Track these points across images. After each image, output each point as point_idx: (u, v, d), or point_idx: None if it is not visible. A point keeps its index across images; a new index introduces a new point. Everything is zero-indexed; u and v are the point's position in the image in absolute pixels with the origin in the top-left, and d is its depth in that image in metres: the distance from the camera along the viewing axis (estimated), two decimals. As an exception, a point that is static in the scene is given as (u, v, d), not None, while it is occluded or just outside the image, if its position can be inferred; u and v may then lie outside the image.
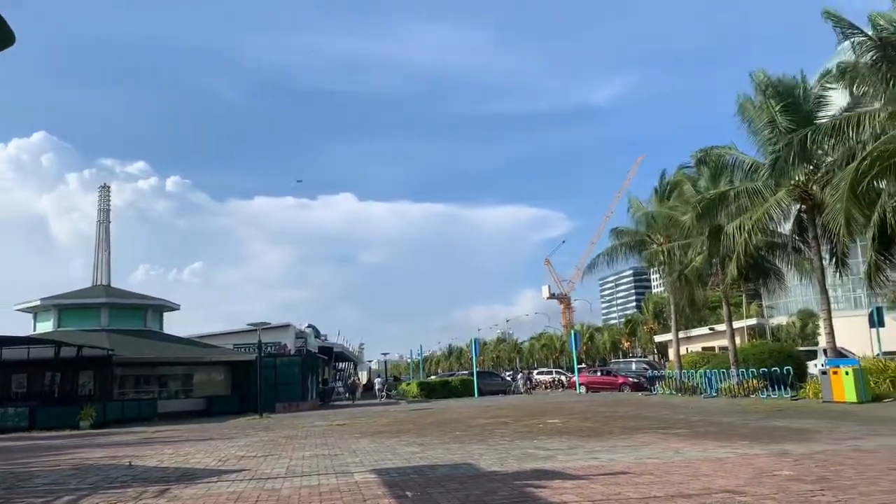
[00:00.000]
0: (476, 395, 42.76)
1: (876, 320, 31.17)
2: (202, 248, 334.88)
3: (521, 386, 47.59)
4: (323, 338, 62.54)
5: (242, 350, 39.57)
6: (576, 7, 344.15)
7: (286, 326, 46.20)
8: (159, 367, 35.39)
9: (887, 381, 23.21)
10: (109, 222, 44.02)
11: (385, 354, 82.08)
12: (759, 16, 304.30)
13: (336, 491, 8.84)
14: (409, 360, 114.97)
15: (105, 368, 31.69)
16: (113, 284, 41.66)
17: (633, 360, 66.21)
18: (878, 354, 30.53)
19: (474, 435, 16.11)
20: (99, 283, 41.50)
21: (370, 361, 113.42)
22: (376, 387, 54.16)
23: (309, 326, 57.58)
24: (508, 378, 53.83)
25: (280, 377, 36.00)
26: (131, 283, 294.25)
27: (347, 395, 52.34)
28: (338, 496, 8.43)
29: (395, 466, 11.11)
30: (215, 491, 9.36)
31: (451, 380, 48.43)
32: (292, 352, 42.87)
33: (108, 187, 45.39)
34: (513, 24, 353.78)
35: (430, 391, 44.00)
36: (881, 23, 20.30)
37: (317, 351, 51.48)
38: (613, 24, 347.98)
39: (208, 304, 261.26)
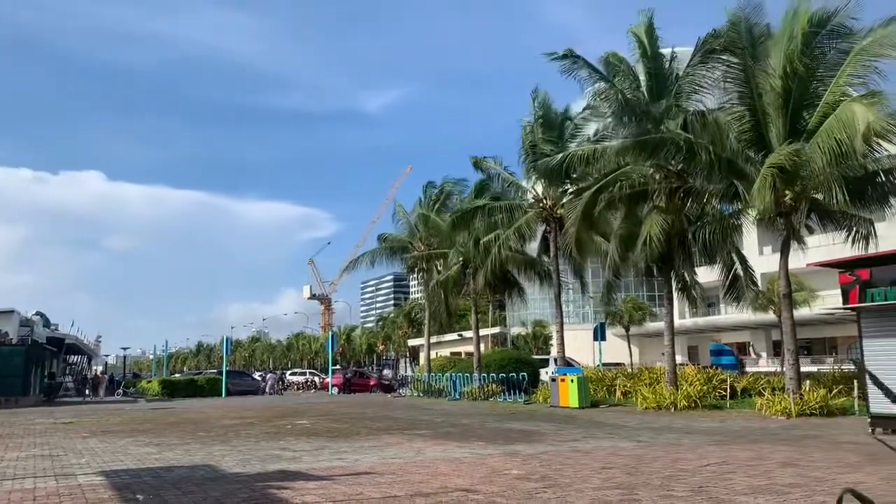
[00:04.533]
0: (224, 394, 41.19)
1: (599, 335, 34.95)
2: None
3: (268, 387, 46.28)
4: (53, 328, 56.33)
5: (-49, 337, 34.45)
6: (365, 12, 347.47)
7: (9, 312, 40.91)
8: None
9: (604, 388, 26.12)
10: None
11: (126, 349, 76.12)
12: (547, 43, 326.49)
13: (54, 495, 8.01)
14: (152, 356, 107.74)
15: None
16: None
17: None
18: (598, 365, 34.24)
19: (218, 436, 15.48)
20: None
21: (107, 356, 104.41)
22: (103, 383, 50.05)
23: (37, 314, 51.51)
24: (260, 378, 52.44)
25: (-3, 369, 31.89)
26: None
27: (87, 391, 47.75)
28: (56, 501, 7.64)
29: (127, 468, 10.33)
30: None
31: (197, 378, 46.19)
32: (14, 341, 38.14)
33: None
34: (299, 18, 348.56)
35: (174, 390, 41.67)
36: (613, 61, 22.72)
37: (45, 342, 46.25)
38: (402, 34, 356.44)
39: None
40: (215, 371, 54.40)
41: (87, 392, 47.40)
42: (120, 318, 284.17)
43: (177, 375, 62.81)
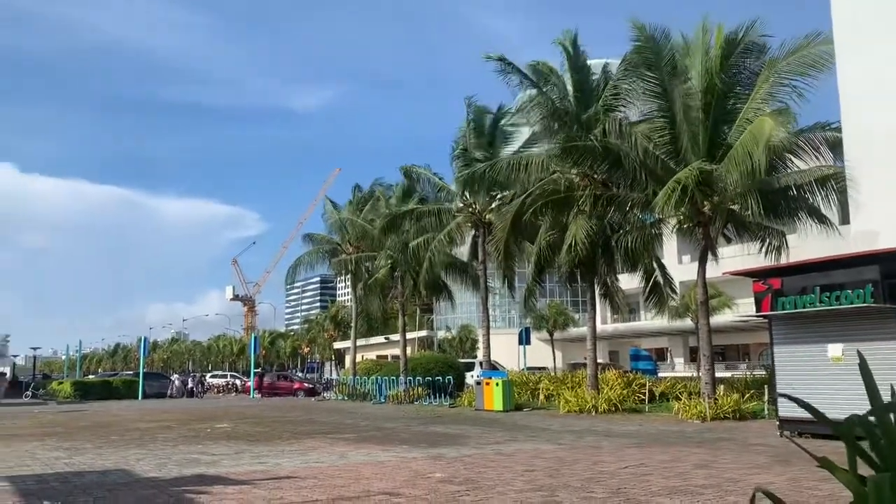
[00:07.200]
0: (140, 397, 39.85)
1: (524, 339, 35.41)
2: None
3: (175, 390, 44.08)
4: (-44, 326, 53.55)
5: None
6: (296, 13, 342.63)
7: None
8: None
9: (528, 392, 26.45)
10: None
11: (36, 349, 72.61)
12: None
13: (-49, 504, 7.58)
14: (65, 357, 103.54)
15: None
16: None
17: None
18: (523, 369, 34.67)
19: (133, 439, 14.95)
20: None
21: (16, 356, 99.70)
22: (3, 385, 47.14)
23: (-62, 312, 48.82)
24: (176, 380, 50.72)
25: None
26: None
27: None
28: (-47, 510, 7.23)
29: (34, 473, 9.86)
30: None
31: (112, 380, 44.56)
32: (-89, 340, 35.98)
33: None
34: (225, 14, 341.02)
35: (87, 392, 40.01)
36: (543, 69, 23.14)
37: (-55, 341, 43.82)
38: (335, 36, 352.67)
39: None
40: (132, 373, 52.59)
41: None
42: (31, 317, 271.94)
43: (91, 377, 60.56)
